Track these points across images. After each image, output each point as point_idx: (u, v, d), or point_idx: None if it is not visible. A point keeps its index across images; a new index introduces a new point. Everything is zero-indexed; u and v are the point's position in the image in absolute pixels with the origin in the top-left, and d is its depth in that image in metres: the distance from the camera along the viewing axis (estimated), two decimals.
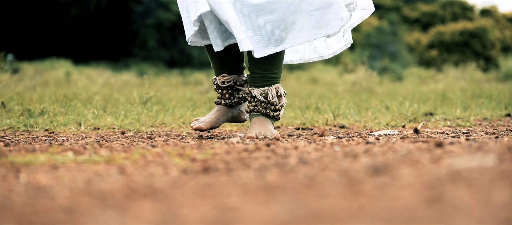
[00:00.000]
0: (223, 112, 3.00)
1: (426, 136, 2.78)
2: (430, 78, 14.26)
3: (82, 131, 3.34)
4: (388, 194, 1.30)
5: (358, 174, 1.54)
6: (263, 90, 2.88)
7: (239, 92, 2.99)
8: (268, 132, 2.81)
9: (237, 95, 2.99)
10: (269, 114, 2.89)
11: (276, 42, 2.74)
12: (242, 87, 2.98)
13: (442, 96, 5.98)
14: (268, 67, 2.86)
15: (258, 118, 2.90)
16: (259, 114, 2.89)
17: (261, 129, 2.83)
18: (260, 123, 2.87)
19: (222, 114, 2.99)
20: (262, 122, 2.88)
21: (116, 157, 1.90)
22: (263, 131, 2.82)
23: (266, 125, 2.86)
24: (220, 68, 2.96)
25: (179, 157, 1.93)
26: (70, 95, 4.87)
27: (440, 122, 3.90)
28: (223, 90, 2.98)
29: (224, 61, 2.94)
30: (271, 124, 2.89)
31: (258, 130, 2.83)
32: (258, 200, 1.28)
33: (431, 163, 1.71)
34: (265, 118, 2.90)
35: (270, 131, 2.82)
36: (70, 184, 1.49)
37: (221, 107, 3.01)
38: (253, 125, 2.87)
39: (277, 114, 2.91)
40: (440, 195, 1.27)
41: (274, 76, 2.89)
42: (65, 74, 11.60)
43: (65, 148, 2.18)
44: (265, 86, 2.89)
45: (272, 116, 2.89)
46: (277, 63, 2.87)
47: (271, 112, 2.89)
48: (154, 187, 1.44)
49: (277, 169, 1.66)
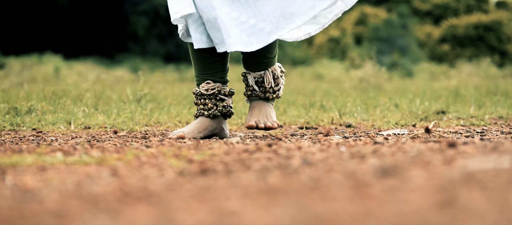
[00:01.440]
0: (205, 125, 2.90)
1: (438, 136, 2.78)
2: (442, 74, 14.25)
3: (72, 130, 3.34)
4: (398, 198, 1.30)
5: (365, 176, 1.54)
6: (259, 75, 2.92)
7: (223, 102, 2.91)
8: (268, 118, 2.86)
9: (221, 104, 2.91)
10: (268, 97, 2.93)
11: (275, 29, 2.76)
12: (226, 98, 2.91)
13: (455, 94, 5.98)
14: (262, 54, 2.89)
15: (257, 102, 2.93)
16: (257, 99, 2.93)
17: (260, 116, 2.87)
18: (259, 109, 2.91)
19: (203, 126, 2.89)
20: (261, 107, 2.91)
21: (108, 158, 1.90)
22: (263, 118, 2.87)
23: (265, 110, 2.90)
24: (203, 73, 2.91)
25: (175, 158, 1.93)
26: (59, 92, 4.88)
27: (452, 120, 3.90)
28: (206, 99, 2.91)
29: (209, 66, 2.89)
30: (271, 107, 2.93)
31: (257, 116, 2.87)
32: (259, 204, 1.28)
33: (443, 164, 1.71)
34: (264, 102, 2.93)
35: (270, 117, 2.88)
36: (59, 187, 1.49)
37: (203, 118, 2.91)
38: (252, 111, 2.91)
39: (277, 94, 2.95)
40: (453, 198, 1.27)
41: (268, 61, 2.93)
42: (54, 70, 11.60)
43: (53, 148, 2.18)
44: (260, 70, 2.93)
45: (272, 98, 2.93)
46: (271, 48, 2.90)
47: (270, 95, 2.93)
48: (149, 190, 1.44)
49: (280, 171, 1.66)
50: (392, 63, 18.11)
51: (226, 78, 2.93)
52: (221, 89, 2.91)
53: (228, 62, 2.93)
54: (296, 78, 11.90)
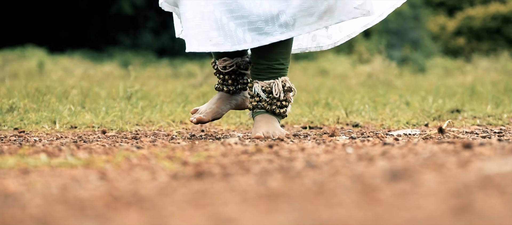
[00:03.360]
0: (226, 100, 2.99)
1: (452, 136, 2.78)
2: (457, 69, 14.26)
3: (57, 130, 3.34)
4: (409, 203, 1.30)
5: (374, 179, 1.54)
6: (267, 84, 2.88)
7: (243, 77, 2.99)
8: (276, 131, 2.81)
9: (241, 80, 2.99)
10: (274, 110, 2.88)
11: (281, 28, 2.74)
12: (246, 71, 2.98)
13: (471, 91, 5.98)
14: (274, 57, 2.84)
15: (263, 115, 2.89)
16: (263, 111, 2.89)
17: (268, 128, 2.83)
18: (266, 121, 2.86)
19: (224, 101, 2.98)
20: (268, 120, 2.87)
21: (96, 160, 1.90)
22: (271, 130, 2.82)
23: (273, 124, 2.86)
24: None
25: (168, 160, 1.93)
26: (43, 89, 4.88)
27: (468, 120, 3.90)
28: (225, 75, 2.97)
29: None
30: (277, 122, 2.89)
31: (265, 128, 2.83)
32: (259, 210, 1.28)
33: (458, 167, 1.71)
34: (271, 116, 2.89)
35: (279, 130, 2.83)
36: (43, 191, 1.49)
37: (223, 94, 3.00)
38: (259, 124, 2.87)
39: (284, 111, 2.90)
40: (469, 204, 1.27)
41: (281, 68, 2.88)
42: (37, 65, 11.60)
43: (37, 149, 2.18)
44: (270, 79, 2.88)
45: (277, 113, 2.89)
46: (285, 53, 2.86)
47: (277, 108, 2.88)
48: (140, 195, 1.44)
49: (281, 174, 1.66)
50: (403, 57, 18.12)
51: None
52: (240, 64, 2.96)
53: None
54: (299, 74, 11.90)
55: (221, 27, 2.72)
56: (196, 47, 2.73)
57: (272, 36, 2.74)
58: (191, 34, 2.74)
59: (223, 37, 2.72)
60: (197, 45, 2.73)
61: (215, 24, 2.73)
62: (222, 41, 2.72)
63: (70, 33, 19.83)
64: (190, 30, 2.74)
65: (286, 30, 2.75)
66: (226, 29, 2.72)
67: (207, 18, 2.73)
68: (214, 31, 2.72)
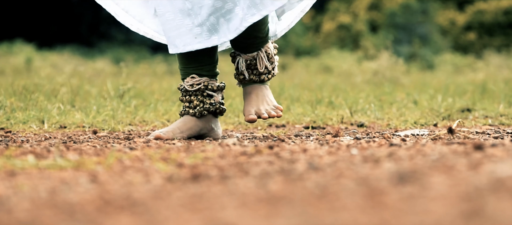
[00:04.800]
0: (189, 124, 2.89)
1: (462, 137, 2.78)
2: (468, 66, 14.26)
3: (45, 130, 3.34)
4: (417, 207, 1.30)
5: (380, 182, 1.54)
6: (251, 56, 2.92)
7: (211, 99, 2.90)
8: (269, 104, 2.87)
9: (208, 101, 2.90)
10: (264, 79, 2.93)
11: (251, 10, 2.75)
12: (214, 93, 2.91)
13: (482, 89, 5.98)
14: (252, 34, 2.87)
15: (252, 87, 2.93)
16: (251, 82, 2.93)
17: (259, 103, 2.87)
18: (256, 94, 2.91)
19: (187, 126, 2.88)
20: (258, 91, 2.92)
21: (87, 162, 1.90)
22: (263, 105, 2.87)
23: (264, 96, 2.91)
24: (187, 66, 2.90)
25: (163, 162, 1.93)
26: (31, 86, 4.87)
27: (479, 119, 3.90)
28: (192, 95, 2.90)
29: (194, 58, 2.88)
30: (268, 89, 2.94)
31: (256, 105, 2.87)
32: (259, 214, 1.28)
33: (468, 169, 1.71)
34: (261, 86, 2.93)
35: (271, 101, 2.88)
36: (30, 194, 1.49)
37: (187, 117, 2.90)
38: (249, 100, 2.90)
39: (272, 74, 2.95)
40: (480, 208, 1.27)
41: (261, 40, 2.92)
42: (25, 61, 11.60)
43: (24, 150, 2.18)
44: (253, 52, 2.92)
45: (267, 79, 2.94)
46: (262, 25, 2.88)
47: (265, 76, 2.93)
48: (133, 198, 1.44)
49: (282, 177, 1.66)
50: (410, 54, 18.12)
51: (215, 71, 2.91)
52: (208, 84, 2.89)
53: (216, 52, 2.91)
54: (300, 71, 11.90)
55: (203, 22, 2.73)
56: (181, 47, 2.73)
57: (245, 21, 2.74)
58: (174, 35, 2.74)
59: (208, 32, 2.73)
60: (182, 46, 2.74)
61: (196, 20, 2.74)
62: (208, 35, 2.73)
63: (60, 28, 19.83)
64: (171, 32, 2.75)
65: (256, 11, 2.76)
66: (208, 24, 2.73)
67: (187, 16, 2.74)
68: (197, 28, 2.74)
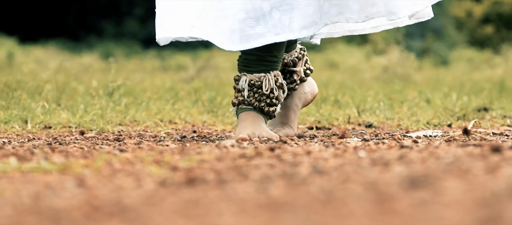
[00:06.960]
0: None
1: (479, 138, 2.78)
2: (485, 62, 14.26)
3: (28, 130, 3.34)
4: (429, 214, 1.30)
5: (390, 187, 1.54)
6: (257, 77, 2.85)
7: (292, 75, 3.01)
8: (263, 133, 2.78)
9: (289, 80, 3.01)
10: (263, 108, 2.85)
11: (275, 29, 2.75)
12: (294, 68, 3.01)
13: (500, 86, 5.98)
14: (268, 48, 2.82)
15: (248, 113, 2.84)
16: (249, 108, 2.85)
17: (255, 129, 2.79)
18: (252, 121, 2.82)
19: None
20: (255, 119, 2.83)
21: (74, 165, 1.90)
22: (257, 130, 2.78)
23: (259, 124, 2.82)
24: None
25: (155, 165, 1.93)
26: (13, 83, 4.87)
27: (497, 119, 3.90)
28: None
29: None
30: (264, 122, 2.86)
31: (250, 129, 2.79)
32: (259, 221, 1.28)
33: (485, 173, 1.71)
34: (257, 114, 2.85)
35: (266, 132, 2.79)
36: (13, 200, 1.49)
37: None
38: (243, 123, 2.82)
39: (273, 110, 2.86)
40: (497, 215, 1.27)
41: (273, 60, 2.86)
42: (6, 56, 11.60)
43: (6, 152, 2.18)
44: (260, 72, 2.87)
45: (266, 111, 2.85)
46: (280, 44, 2.85)
47: (265, 106, 2.85)
48: (123, 204, 1.44)
49: (284, 181, 1.66)
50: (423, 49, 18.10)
51: None
52: (286, 62, 3.00)
53: None
54: None
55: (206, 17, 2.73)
56: (175, 33, 2.72)
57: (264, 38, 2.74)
58: (166, 17, 2.72)
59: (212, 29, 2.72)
60: (175, 31, 2.72)
61: (195, 10, 2.73)
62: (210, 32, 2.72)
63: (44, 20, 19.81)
64: (165, 14, 2.73)
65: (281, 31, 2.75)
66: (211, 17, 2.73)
67: (187, 4, 2.73)
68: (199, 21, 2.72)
